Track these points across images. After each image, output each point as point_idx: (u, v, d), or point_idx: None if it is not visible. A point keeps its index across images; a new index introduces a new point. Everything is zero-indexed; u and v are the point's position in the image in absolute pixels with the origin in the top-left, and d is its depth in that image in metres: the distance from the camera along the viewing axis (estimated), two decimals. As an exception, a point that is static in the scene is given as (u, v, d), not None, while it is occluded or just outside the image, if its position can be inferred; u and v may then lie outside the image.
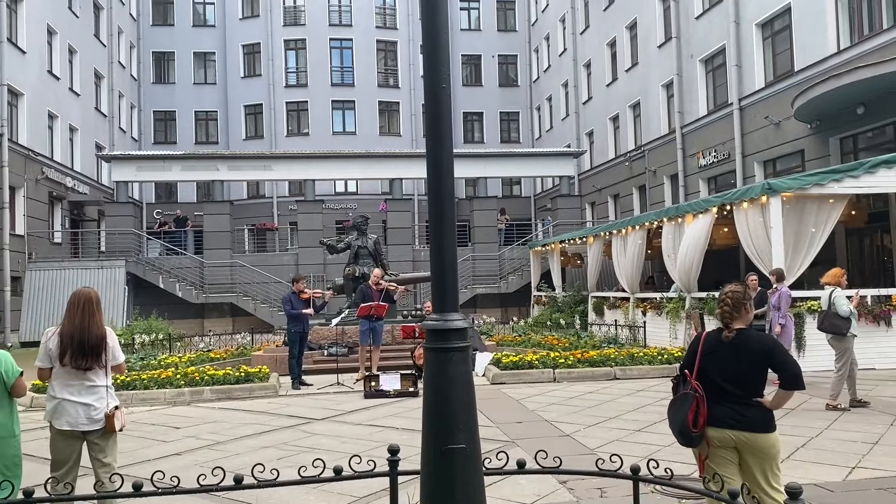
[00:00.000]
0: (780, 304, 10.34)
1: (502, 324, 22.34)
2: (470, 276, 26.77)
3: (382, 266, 14.16)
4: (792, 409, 8.47)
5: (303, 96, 36.65)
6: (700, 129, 23.06)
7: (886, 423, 7.61)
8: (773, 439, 3.85)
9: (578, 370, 11.10)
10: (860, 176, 11.83)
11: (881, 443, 6.75)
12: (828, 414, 8.24)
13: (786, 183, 11.95)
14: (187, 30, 37.90)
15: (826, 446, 6.66)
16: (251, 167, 27.67)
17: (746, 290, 4.06)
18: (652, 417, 8.15)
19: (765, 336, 3.98)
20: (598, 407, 8.85)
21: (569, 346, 13.48)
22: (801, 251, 11.88)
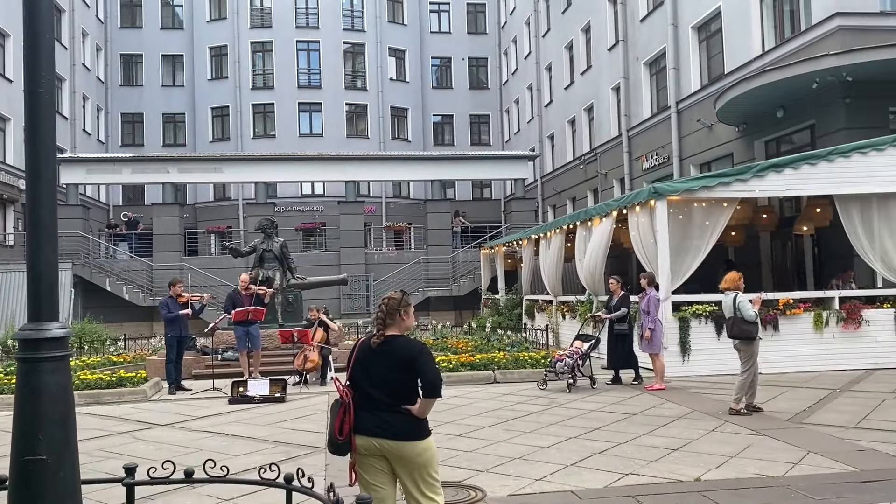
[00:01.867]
0: (648, 308, 10.31)
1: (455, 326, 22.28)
2: (422, 279, 26.74)
3: (290, 270, 14.15)
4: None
5: (269, 98, 36.66)
6: (644, 131, 23.04)
7: (709, 428, 7.56)
8: (422, 447, 3.82)
9: (458, 374, 11.07)
10: (749, 179, 11.79)
11: (683, 449, 6.71)
12: (666, 418, 8.17)
13: (672, 186, 11.91)
14: (155, 32, 37.97)
15: (626, 452, 6.61)
16: (202, 169, 27.73)
17: (405, 298, 4.04)
18: (482, 422, 8.13)
19: (413, 342, 3.96)
20: (448, 412, 8.81)
21: (472, 350, 13.46)
22: (689, 254, 11.82)
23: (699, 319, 11.60)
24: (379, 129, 37.25)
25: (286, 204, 35.20)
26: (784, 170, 11.85)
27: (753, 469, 5.98)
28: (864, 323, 11.82)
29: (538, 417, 8.35)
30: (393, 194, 37.57)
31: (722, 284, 8.88)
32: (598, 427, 7.76)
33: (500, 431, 7.63)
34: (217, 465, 3.64)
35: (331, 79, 36.77)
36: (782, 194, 13.14)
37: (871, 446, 6.64)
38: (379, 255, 27.68)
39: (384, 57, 37.78)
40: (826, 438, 7.03)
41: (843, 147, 12.15)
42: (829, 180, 11.94)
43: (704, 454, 6.50)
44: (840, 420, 7.83)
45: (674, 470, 5.99)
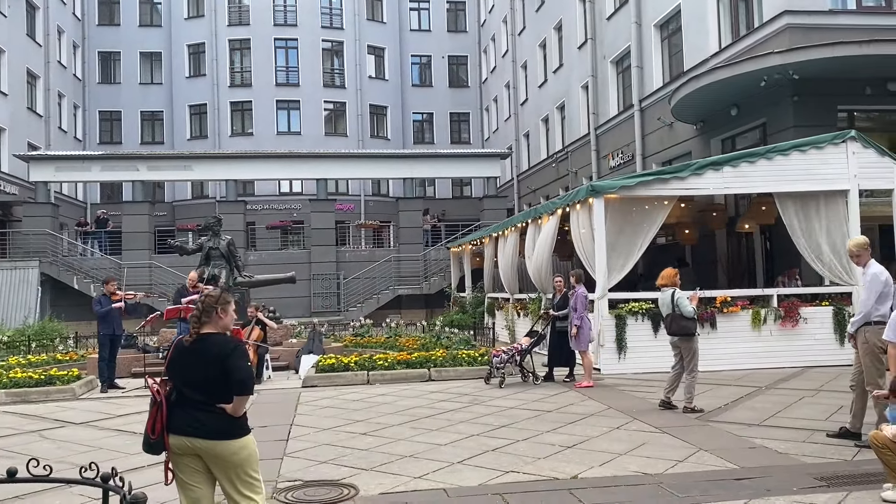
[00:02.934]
0: (576, 305, 10.31)
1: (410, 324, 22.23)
2: (393, 277, 26.72)
3: (237, 268, 14.11)
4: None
5: (247, 96, 36.55)
6: (611, 130, 23.04)
7: (614, 425, 7.55)
8: (237, 446, 3.79)
9: (393, 372, 11.06)
10: (687, 178, 11.79)
11: (578, 446, 6.70)
12: (578, 416, 8.14)
13: (609, 184, 11.91)
14: (133, 29, 37.88)
15: (519, 450, 6.60)
16: (172, 167, 27.67)
17: (223, 296, 4.02)
18: (393, 420, 8.11)
19: (227, 340, 3.93)
20: (365, 411, 8.80)
21: (419, 347, 13.44)
22: (626, 252, 11.81)
23: (636, 317, 11.60)
24: (358, 127, 37.19)
25: (264, 202, 35.18)
26: (723, 168, 11.85)
27: (635, 467, 5.98)
28: (802, 321, 11.84)
29: (453, 415, 8.34)
30: (371, 192, 37.49)
31: (659, 281, 8.86)
32: (507, 424, 7.75)
33: (406, 429, 7.61)
34: (40, 465, 3.62)
35: (309, 77, 36.68)
36: (721, 192, 13.15)
37: (764, 443, 6.65)
38: (350, 253, 27.62)
39: (363, 55, 37.72)
40: (724, 436, 7.03)
41: (782, 145, 12.17)
42: (769, 178, 11.94)
43: (596, 452, 6.50)
44: (749, 417, 7.84)
45: (556, 468, 5.99)
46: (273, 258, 26.96)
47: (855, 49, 12.78)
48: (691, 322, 8.35)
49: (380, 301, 25.83)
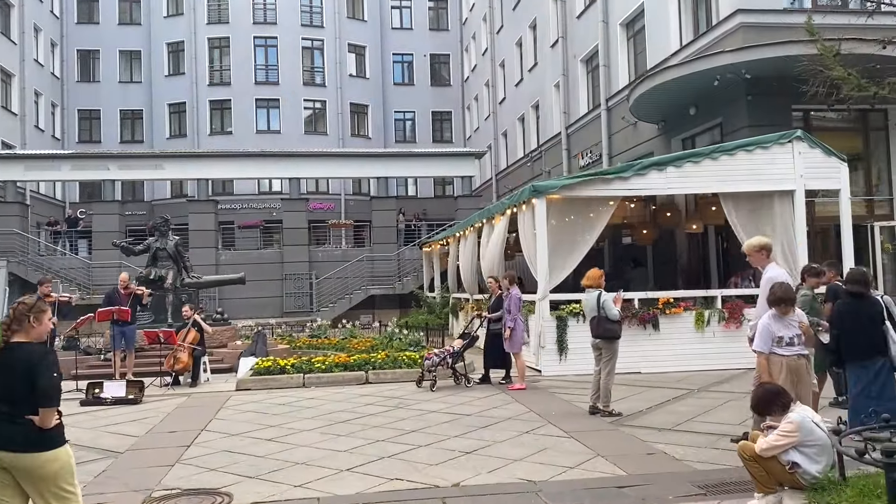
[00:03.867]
0: (510, 307, 10.21)
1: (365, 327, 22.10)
2: (366, 277, 26.58)
3: (185, 269, 13.99)
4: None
5: (226, 94, 36.37)
6: (581, 129, 22.95)
7: (526, 430, 7.44)
8: (45, 459, 3.67)
9: (330, 375, 10.95)
10: (630, 178, 11.68)
11: (478, 452, 6.59)
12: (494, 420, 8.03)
13: (551, 184, 11.81)
14: (113, 28, 37.70)
15: (416, 456, 6.50)
16: (141, 166, 27.54)
17: (38, 303, 3.90)
18: (307, 425, 8.01)
19: (36, 349, 3.80)
20: (285, 415, 8.70)
21: (369, 349, 13.34)
22: (569, 252, 11.70)
23: (577, 318, 11.46)
24: (338, 125, 37.02)
25: (243, 201, 35.08)
26: (666, 168, 11.74)
27: (522, 473, 5.88)
28: (745, 322, 11.72)
29: (370, 420, 8.23)
30: (352, 191, 37.34)
31: (584, 282, 8.75)
32: (419, 429, 7.64)
33: (315, 435, 7.51)
34: None
35: (289, 75, 36.51)
36: (664, 192, 13.04)
37: (665, 449, 6.55)
38: (323, 252, 27.49)
39: (343, 53, 37.55)
40: (629, 441, 6.94)
41: (727, 145, 12.08)
42: (714, 178, 11.83)
43: (493, 458, 6.39)
44: (665, 421, 7.75)
45: (443, 475, 5.88)
46: (244, 258, 26.83)
47: (804, 48, 12.65)
48: (616, 325, 8.27)
49: (352, 301, 25.70)
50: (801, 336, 5.61)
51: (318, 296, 26.34)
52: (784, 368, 5.51)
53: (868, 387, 6.60)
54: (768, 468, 4.66)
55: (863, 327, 6.61)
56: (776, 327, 5.60)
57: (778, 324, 5.61)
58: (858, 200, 14.91)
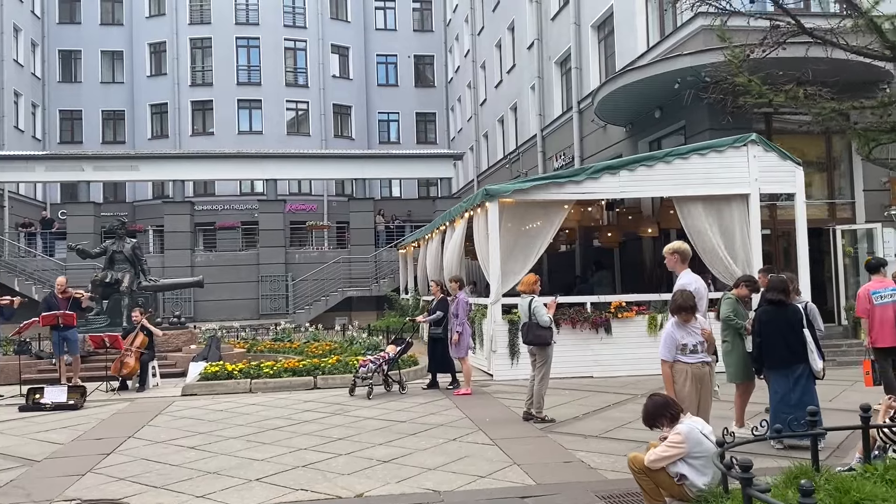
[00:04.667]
0: (458, 311, 10.14)
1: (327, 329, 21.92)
2: (343, 279, 26.50)
3: (142, 272, 13.89)
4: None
5: (208, 95, 36.25)
6: (555, 131, 22.91)
7: (453, 437, 7.38)
8: None
9: (278, 380, 10.87)
10: (583, 181, 11.63)
11: (396, 461, 6.51)
12: (426, 426, 7.96)
13: (504, 188, 11.75)
14: (94, 28, 37.55)
15: (332, 465, 6.42)
16: (117, 167, 27.45)
17: None
18: (235, 433, 7.93)
19: None
20: (218, 422, 8.61)
21: (326, 354, 13.26)
22: (522, 256, 11.63)
23: (529, 323, 11.41)
24: (321, 127, 36.92)
25: (224, 202, 34.99)
26: (619, 172, 11.70)
27: (431, 484, 5.80)
28: (699, 326, 11.68)
29: (302, 427, 8.15)
30: (335, 192, 37.25)
31: (519, 287, 8.70)
32: (346, 437, 7.56)
33: (239, 443, 7.42)
34: None
35: (271, 76, 36.40)
36: (617, 196, 13.00)
37: (584, 457, 6.49)
38: (300, 254, 27.39)
39: (326, 54, 37.46)
40: (552, 449, 6.87)
41: (681, 149, 12.04)
42: (667, 182, 11.80)
43: (408, 467, 6.32)
44: (596, 428, 7.69)
45: (350, 485, 5.81)
46: (221, 259, 26.78)
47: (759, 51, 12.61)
48: (547, 331, 8.20)
49: (328, 303, 25.62)
50: (704, 343, 5.55)
51: (294, 298, 26.26)
52: (689, 376, 5.46)
53: (787, 394, 6.59)
54: (657, 480, 4.60)
55: (782, 335, 6.60)
56: (680, 335, 5.55)
57: (681, 331, 5.57)
58: (821, 204, 14.90)
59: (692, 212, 11.90)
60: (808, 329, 6.61)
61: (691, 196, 11.82)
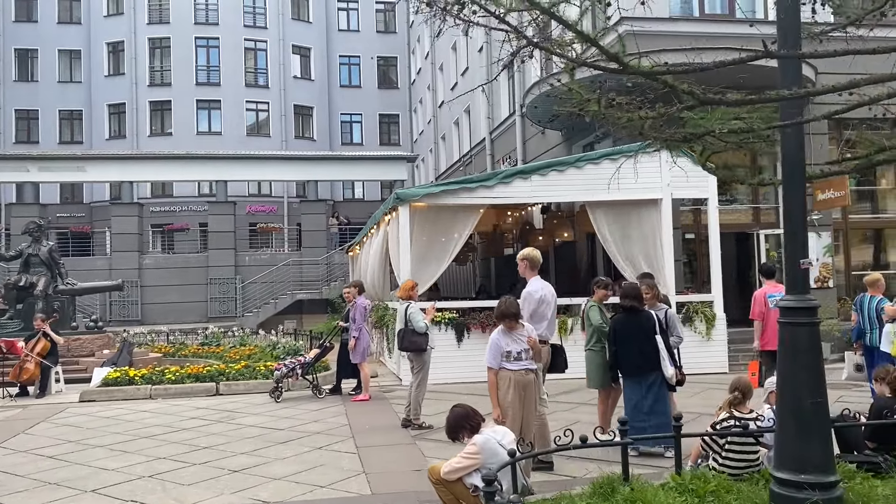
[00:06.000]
0: (355, 317, 10.08)
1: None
2: (294, 282, 26.33)
3: (59, 275, 13.69)
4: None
5: (166, 95, 35.88)
6: (502, 134, 22.94)
7: (321, 445, 7.30)
8: None
9: (179, 386, 10.74)
10: (494, 186, 11.62)
11: (247, 471, 6.43)
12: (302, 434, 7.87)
13: (414, 192, 11.72)
14: (52, 26, 37.09)
15: (180, 476, 6.33)
16: (63, 168, 27.05)
17: None
18: (103, 441, 7.80)
19: None
20: (101, 429, 8.48)
21: (244, 358, 13.13)
22: (435, 260, 11.61)
23: (439, 326, 11.38)
24: (281, 127, 36.70)
25: (183, 203, 34.66)
26: (531, 176, 11.71)
27: (267, 494, 5.73)
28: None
29: (178, 435, 8.04)
30: (296, 194, 37.02)
31: (397, 293, 8.66)
32: (215, 445, 7.46)
33: (102, 452, 7.31)
34: None
35: (230, 76, 36.12)
36: (530, 201, 13.03)
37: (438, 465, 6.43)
38: (250, 256, 27.19)
39: (287, 55, 37.23)
40: (412, 456, 6.82)
41: (593, 153, 12.06)
42: (579, 187, 11.81)
43: (255, 476, 6.24)
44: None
45: (183, 496, 5.72)
46: (169, 262, 26.53)
47: (673, 56, 12.66)
48: (422, 337, 8.16)
49: (277, 306, 25.43)
50: (529, 351, 5.53)
51: (243, 301, 26.05)
52: (512, 383, 5.43)
53: (640, 401, 6.59)
54: (455, 491, 4.56)
55: (636, 342, 6.60)
56: (505, 342, 5.53)
57: (506, 338, 5.54)
58: (745, 209, 15.01)
59: (604, 217, 11.94)
60: (661, 336, 6.63)
61: (603, 201, 11.84)
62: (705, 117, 4.73)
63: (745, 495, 4.63)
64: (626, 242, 11.90)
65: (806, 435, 4.08)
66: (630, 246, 11.89)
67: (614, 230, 11.89)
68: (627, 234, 11.89)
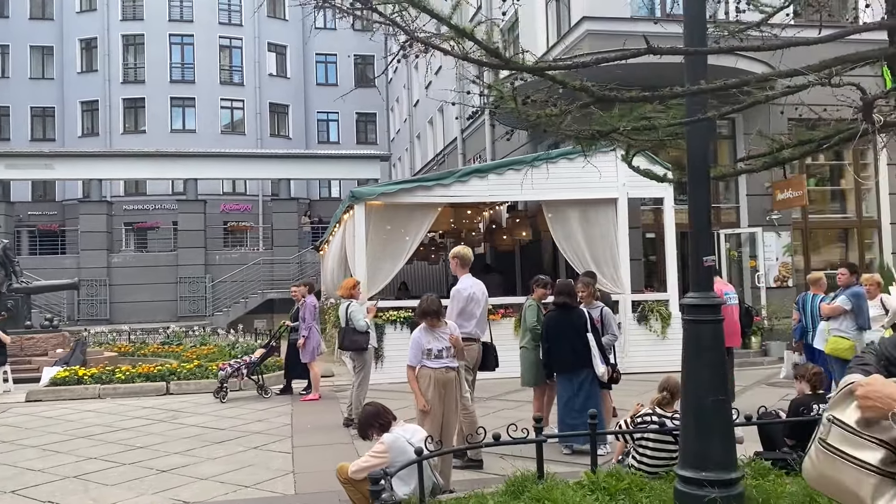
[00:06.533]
0: (305, 316, 10.01)
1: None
2: (265, 280, 26.16)
3: (14, 274, 13.50)
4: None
5: (140, 93, 35.56)
6: (473, 134, 22.93)
7: (257, 445, 7.23)
8: None
9: (129, 386, 10.62)
10: (451, 185, 11.60)
11: (175, 471, 6.35)
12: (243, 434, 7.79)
13: (370, 191, 11.67)
14: (24, 22, 36.61)
15: (107, 477, 6.24)
16: (31, 166, 26.72)
17: None
18: (39, 441, 7.69)
19: None
20: (39, 430, 8.38)
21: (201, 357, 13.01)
22: (391, 258, 11.55)
23: (395, 325, 11.36)
24: (256, 125, 36.48)
25: (156, 202, 34.34)
26: (488, 175, 11.70)
27: (188, 494, 5.67)
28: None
29: (115, 435, 7.94)
30: (270, 192, 36.79)
31: (338, 291, 8.62)
32: (150, 445, 7.37)
33: (33, 452, 7.20)
34: None
35: (205, 74, 35.84)
36: (487, 199, 13.01)
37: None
38: (221, 255, 26.98)
39: (263, 52, 37.02)
40: (346, 456, 6.64)
41: (550, 153, 12.09)
42: (536, 186, 11.74)
43: (182, 476, 6.17)
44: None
45: (103, 497, 5.64)
46: (139, 260, 26.28)
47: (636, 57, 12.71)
48: (363, 336, 8.11)
49: (248, 305, 25.23)
50: (451, 349, 5.50)
51: (214, 300, 25.85)
52: (432, 381, 5.40)
53: (572, 399, 6.58)
54: (363, 490, 4.50)
55: (567, 339, 6.59)
56: (426, 339, 5.49)
57: (428, 336, 5.50)
58: (705, 208, 15.06)
59: (560, 216, 11.95)
60: (593, 334, 6.63)
61: (559, 200, 11.86)
62: (614, 116, 4.73)
63: (656, 493, 4.63)
64: (582, 241, 11.91)
65: (707, 433, 4.08)
66: (586, 245, 11.90)
67: (569, 229, 11.90)
68: (583, 234, 11.91)
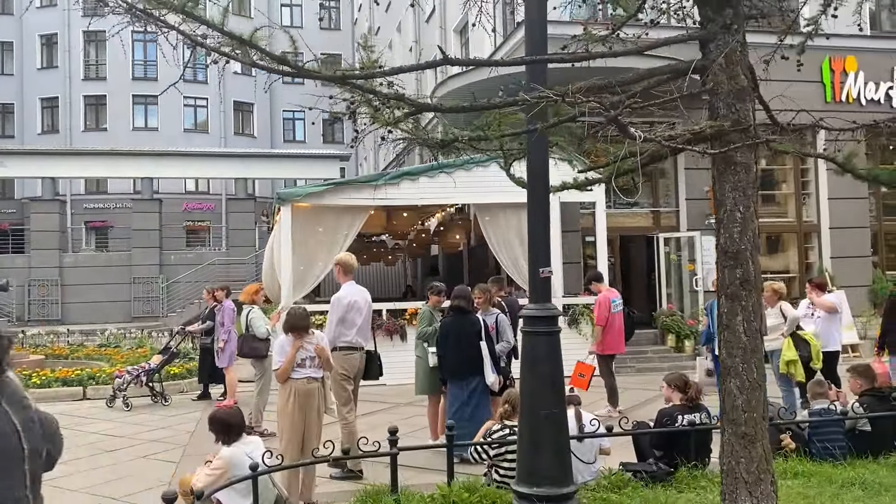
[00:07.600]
0: (224, 320, 9.84)
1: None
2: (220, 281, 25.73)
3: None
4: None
5: (101, 90, 35.12)
6: (431, 134, 22.81)
7: (153, 452, 7.07)
8: None
9: (44, 390, 10.36)
10: (382, 187, 11.48)
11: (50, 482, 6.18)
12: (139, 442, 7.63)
13: (297, 192, 11.53)
14: (-19, 17, 35.99)
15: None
16: (-22, 163, 26.09)
17: None
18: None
19: None
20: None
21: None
22: (319, 262, 11.41)
23: (322, 329, 11.18)
24: (220, 123, 36.16)
25: (117, 200, 33.88)
26: (419, 178, 11.60)
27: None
28: (496, 334, 11.65)
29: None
30: (234, 192, 36.42)
31: (241, 296, 8.49)
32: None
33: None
34: None
35: (168, 71, 35.31)
36: (418, 202, 12.87)
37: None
38: (175, 255, 26.64)
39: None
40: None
41: (481, 157, 11.95)
42: (467, 190, 11.68)
43: (54, 488, 5.95)
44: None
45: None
46: (92, 260, 25.89)
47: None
48: (264, 343, 7.98)
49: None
50: (316, 359, 5.39)
51: (168, 300, 25.51)
52: (293, 392, 5.29)
53: (462, 407, 6.50)
54: (203, 506, 4.39)
55: (459, 345, 6.52)
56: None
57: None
58: (645, 212, 15.11)
59: (494, 219, 11.89)
60: (486, 341, 6.56)
61: (493, 203, 11.80)
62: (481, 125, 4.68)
63: (505, 507, 4.57)
64: (512, 245, 11.85)
65: (539, 447, 4.01)
66: (516, 249, 11.84)
67: (500, 233, 11.84)
68: (514, 237, 11.83)
